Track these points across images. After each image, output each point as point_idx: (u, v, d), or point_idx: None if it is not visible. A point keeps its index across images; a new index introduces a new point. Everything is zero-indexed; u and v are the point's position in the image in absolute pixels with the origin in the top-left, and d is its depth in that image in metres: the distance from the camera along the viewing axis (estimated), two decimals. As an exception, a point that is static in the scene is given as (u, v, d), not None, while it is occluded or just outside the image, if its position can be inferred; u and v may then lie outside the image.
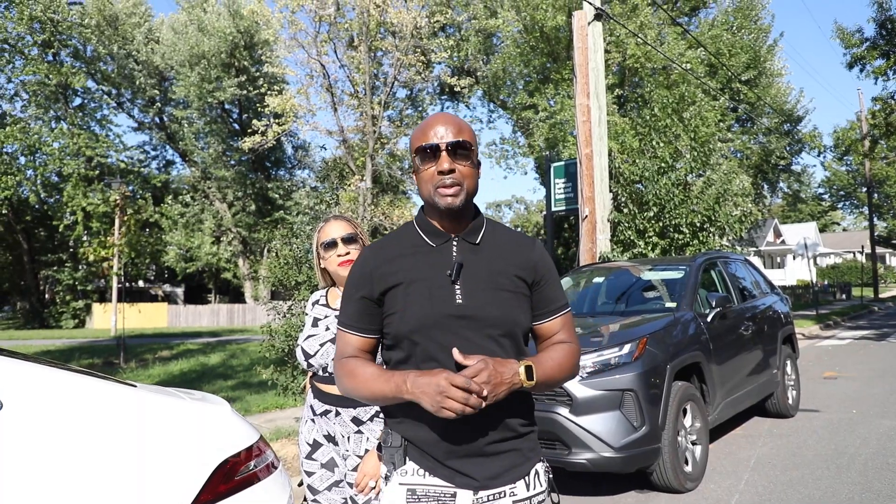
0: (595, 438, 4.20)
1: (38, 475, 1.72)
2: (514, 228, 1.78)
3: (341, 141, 23.16)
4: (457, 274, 1.58)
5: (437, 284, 1.58)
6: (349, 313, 1.65)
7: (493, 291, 1.59)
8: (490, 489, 1.57)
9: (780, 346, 6.72)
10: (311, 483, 2.44)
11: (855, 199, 62.10)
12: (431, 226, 1.64)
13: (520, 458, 1.61)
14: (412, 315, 1.56)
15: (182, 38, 30.85)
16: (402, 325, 1.57)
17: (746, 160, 28.05)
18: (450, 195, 1.56)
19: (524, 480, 1.61)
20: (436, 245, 1.63)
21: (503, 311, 1.59)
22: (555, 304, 1.69)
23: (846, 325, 18.98)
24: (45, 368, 1.94)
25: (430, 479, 1.57)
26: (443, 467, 1.56)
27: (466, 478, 1.56)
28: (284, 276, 6.03)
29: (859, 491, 4.39)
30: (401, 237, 1.68)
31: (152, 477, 1.84)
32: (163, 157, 38.66)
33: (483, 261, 1.62)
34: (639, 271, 6.38)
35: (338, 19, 21.54)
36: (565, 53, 21.42)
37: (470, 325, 1.56)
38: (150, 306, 35.41)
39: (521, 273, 1.64)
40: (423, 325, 1.56)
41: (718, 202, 11.29)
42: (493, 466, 1.57)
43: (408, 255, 1.62)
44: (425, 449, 1.57)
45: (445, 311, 1.56)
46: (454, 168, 1.56)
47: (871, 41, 20.54)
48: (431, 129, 1.58)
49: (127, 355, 14.15)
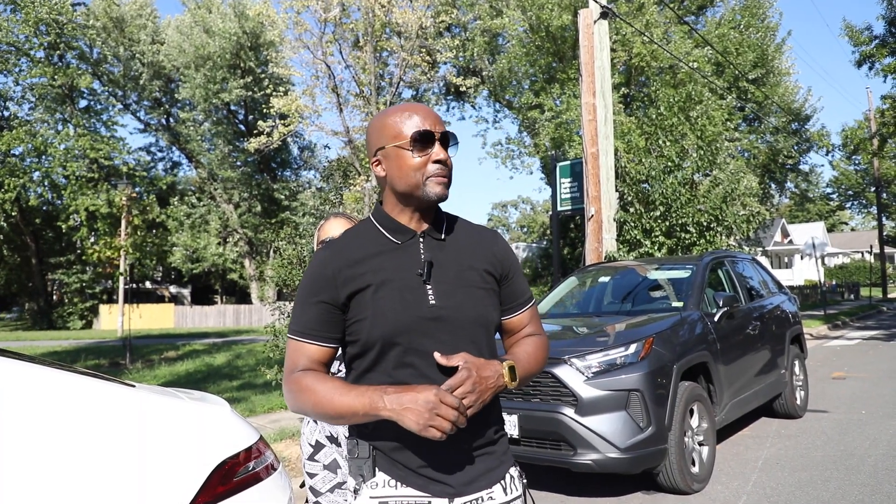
0: (601, 439, 4.15)
1: (34, 476, 1.70)
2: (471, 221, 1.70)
3: (347, 141, 23.18)
4: (428, 273, 1.49)
5: (407, 286, 1.48)
6: (305, 320, 1.49)
7: (465, 290, 1.52)
8: (466, 496, 1.50)
9: (788, 346, 6.65)
10: (314, 484, 2.41)
11: (863, 199, 61.75)
12: (394, 222, 1.54)
13: (494, 461, 1.54)
14: (384, 320, 1.46)
15: (188, 40, 30.95)
16: (374, 331, 1.46)
17: (754, 159, 27.91)
18: (442, 186, 1.49)
19: (500, 484, 1.54)
20: (401, 243, 1.53)
21: (477, 311, 1.52)
22: (522, 297, 1.64)
23: (854, 326, 18.85)
24: (41, 368, 1.92)
25: (402, 490, 1.47)
26: (415, 476, 1.47)
27: (441, 485, 1.48)
28: (289, 276, 6.02)
29: (869, 493, 4.33)
30: (361, 235, 1.55)
31: (149, 478, 1.81)
32: (169, 158, 38.85)
33: (451, 258, 1.54)
34: (645, 270, 6.34)
35: (343, 20, 21.54)
36: (571, 53, 21.37)
37: (445, 327, 1.48)
38: (157, 307, 35.54)
39: (489, 268, 1.58)
40: (397, 330, 1.45)
41: (725, 201, 11.23)
42: (468, 472, 1.50)
43: (372, 255, 1.50)
44: (396, 458, 1.48)
45: (418, 313, 1.47)
46: (448, 158, 1.51)
47: (881, 39, 20.42)
48: (418, 114, 1.50)
49: (133, 356, 14.19)
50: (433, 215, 1.57)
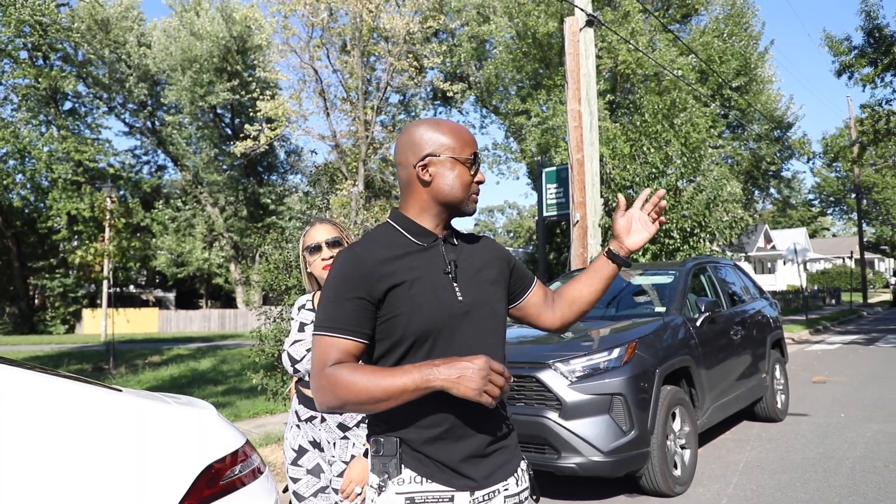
0: (584, 443, 4.20)
1: (22, 480, 1.71)
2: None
3: (334, 146, 23.17)
4: (454, 272, 1.62)
5: (439, 283, 1.58)
6: (341, 316, 1.51)
7: (482, 286, 1.65)
8: (485, 488, 1.58)
9: (769, 350, 6.75)
10: (297, 489, 2.43)
11: (844, 205, 62.61)
12: (418, 227, 1.63)
13: (509, 455, 1.64)
14: (420, 314, 1.53)
15: (174, 42, 30.80)
16: (410, 326, 1.53)
17: (737, 166, 28.23)
18: (475, 203, 1.68)
19: (514, 477, 1.64)
20: (426, 245, 1.62)
21: (493, 306, 1.66)
22: (527, 275, 1.83)
23: (835, 330, 19.09)
24: (25, 372, 1.93)
25: (427, 486, 1.53)
26: (441, 471, 1.54)
27: (465, 479, 1.55)
28: (275, 281, 6.03)
29: (847, 494, 4.41)
30: (387, 238, 1.62)
31: (137, 481, 1.83)
32: (154, 161, 38.54)
33: (466, 259, 1.67)
34: (629, 276, 6.40)
35: (330, 24, 21.56)
36: (557, 59, 21.52)
37: (469, 322, 1.59)
38: (141, 311, 35.24)
39: (498, 265, 1.73)
40: (433, 325, 1.54)
41: (709, 208, 11.34)
42: (488, 465, 1.59)
43: (400, 255, 1.58)
44: (425, 453, 1.54)
45: (451, 309, 1.57)
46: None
47: (860, 49, 20.75)
48: (468, 137, 1.66)
49: (117, 361, 14.07)
50: (449, 225, 1.72)
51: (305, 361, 2.35)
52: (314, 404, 2.34)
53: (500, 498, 1.61)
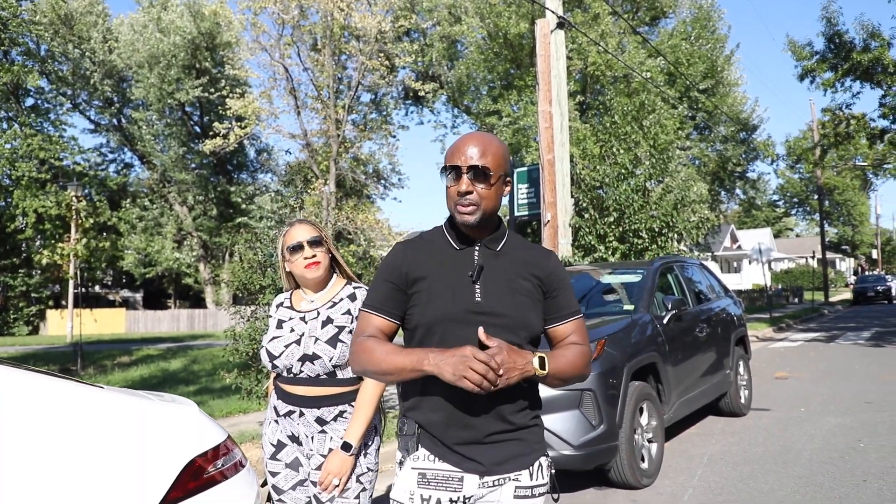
0: (555, 437, 4.31)
1: (8, 475, 1.75)
2: (532, 242, 1.92)
3: (304, 144, 23.07)
4: (478, 275, 1.72)
5: (459, 283, 1.72)
6: (376, 297, 1.76)
7: (509, 294, 1.73)
8: (495, 475, 1.71)
9: (734, 347, 6.95)
10: (276, 483, 2.48)
11: (807, 206, 64.22)
12: (458, 231, 1.78)
13: (525, 448, 1.74)
14: (434, 308, 1.70)
15: (141, 38, 30.30)
16: (424, 316, 1.71)
17: (704, 167, 28.78)
18: (466, 213, 1.70)
19: (528, 470, 1.74)
20: (460, 248, 1.77)
21: (517, 311, 1.72)
22: (567, 309, 1.80)
23: (798, 328, 19.61)
24: (9, 369, 1.96)
25: (439, 465, 1.70)
26: (452, 453, 1.69)
27: (474, 463, 1.69)
28: (249, 281, 6.03)
29: (804, 484, 4.60)
30: (431, 238, 1.82)
31: (121, 475, 1.87)
32: (121, 159, 37.80)
33: (502, 266, 1.76)
34: (599, 275, 6.55)
35: (301, 22, 21.46)
36: (528, 60, 21.72)
37: (486, 322, 1.66)
38: (108, 312, 34.61)
39: (537, 281, 1.77)
40: (444, 318, 1.69)
41: (676, 208, 11.59)
42: (499, 454, 1.70)
43: (435, 254, 1.77)
44: (437, 435, 1.70)
45: (465, 307, 1.69)
46: (472, 190, 1.68)
47: (821, 54, 21.31)
48: (459, 149, 1.71)
49: (84, 361, 13.85)
50: (492, 230, 1.79)
51: (284, 357, 2.40)
52: (293, 400, 2.40)
53: (510, 486, 1.72)
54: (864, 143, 25.11)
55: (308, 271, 2.47)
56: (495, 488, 1.72)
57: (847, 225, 64.87)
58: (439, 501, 1.69)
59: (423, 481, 1.71)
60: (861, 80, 20.67)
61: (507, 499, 1.73)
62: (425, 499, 1.70)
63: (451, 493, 1.69)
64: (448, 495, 1.69)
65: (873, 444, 5.60)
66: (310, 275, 2.47)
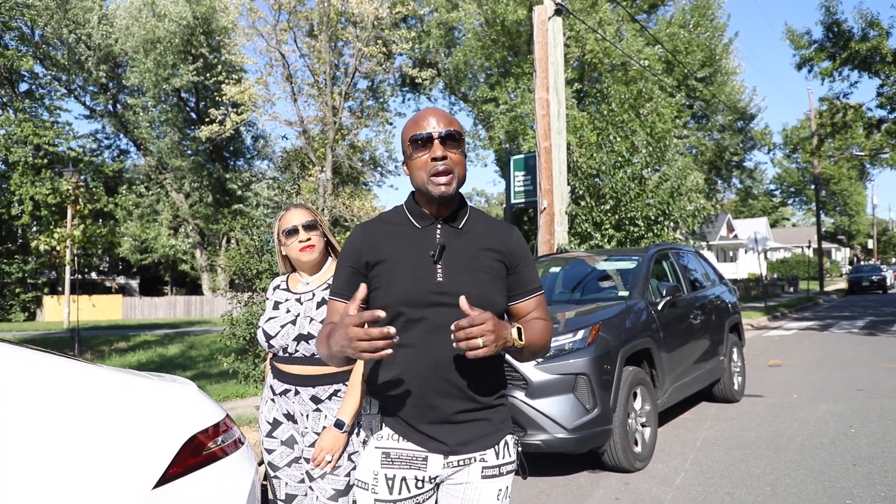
0: (549, 420, 4.36)
1: (7, 452, 1.78)
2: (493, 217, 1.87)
3: (301, 131, 23.00)
4: (439, 255, 1.69)
5: (420, 263, 1.69)
6: (339, 282, 1.75)
7: (471, 272, 1.70)
8: (460, 454, 1.69)
9: (727, 334, 7.01)
10: (272, 460, 2.53)
11: (804, 196, 64.31)
12: (418, 209, 1.75)
13: (490, 427, 1.72)
14: (396, 290, 1.68)
15: (136, 23, 30.07)
16: (386, 299, 1.68)
17: (701, 156, 28.79)
18: (443, 183, 1.66)
19: (494, 449, 1.73)
20: (421, 227, 1.74)
21: (479, 291, 1.68)
22: (530, 285, 1.80)
23: (792, 317, 19.72)
24: (10, 346, 1.99)
25: (403, 444, 1.69)
26: (416, 433, 1.68)
27: (438, 443, 1.68)
28: (245, 265, 6.06)
29: (795, 468, 4.66)
30: (390, 218, 1.79)
31: (121, 451, 1.90)
32: (116, 146, 37.62)
33: (464, 244, 1.73)
34: (594, 261, 6.59)
35: (298, 8, 21.34)
36: (526, 47, 21.65)
37: (449, 302, 1.65)
38: (104, 298, 34.59)
39: (499, 257, 1.75)
40: (405, 301, 1.67)
41: (673, 196, 11.61)
42: (464, 433, 1.68)
43: (395, 234, 1.74)
44: (400, 415, 1.69)
45: (426, 287, 1.67)
46: (446, 155, 1.66)
47: (819, 43, 21.26)
48: (424, 119, 1.69)
49: (82, 347, 13.88)
50: (455, 207, 1.76)
51: (280, 337, 2.44)
52: (288, 378, 2.45)
53: (476, 466, 1.71)
54: (861, 133, 25.11)
55: (303, 254, 2.52)
56: (461, 468, 1.71)
57: (843, 215, 65.02)
58: (404, 480, 1.68)
59: (386, 461, 1.69)
60: (859, 70, 20.65)
61: (474, 479, 1.71)
62: (389, 478, 1.69)
63: (415, 472, 1.69)
64: (413, 473, 1.68)
65: (864, 430, 5.67)
66: (305, 258, 2.52)
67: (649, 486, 4.41)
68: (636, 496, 4.24)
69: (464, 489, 1.72)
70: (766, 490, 4.23)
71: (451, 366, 1.65)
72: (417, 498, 1.70)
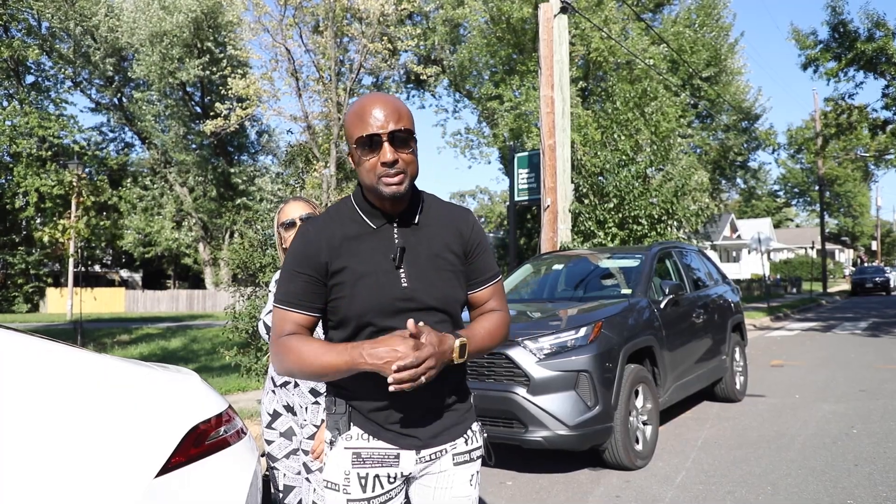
0: (551, 417, 4.36)
1: (11, 439, 1.78)
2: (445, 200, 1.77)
3: (306, 127, 22.99)
4: (400, 259, 1.61)
5: (382, 269, 1.60)
6: (291, 290, 1.61)
7: (435, 272, 1.64)
8: (431, 447, 1.67)
9: (730, 333, 7.00)
10: (271, 451, 2.56)
11: (808, 197, 64.16)
12: (370, 206, 1.64)
13: (458, 417, 1.71)
14: (360, 300, 1.59)
15: (143, 16, 30.09)
16: (350, 309, 1.60)
17: (705, 155, 28.74)
18: (394, 183, 1.55)
19: (463, 437, 1.73)
20: (377, 227, 1.63)
21: (444, 292, 1.64)
22: (486, 273, 1.74)
23: (795, 318, 19.68)
24: (14, 334, 2.00)
25: (374, 443, 1.64)
26: (386, 431, 1.63)
27: (409, 438, 1.64)
28: (248, 259, 6.07)
29: (796, 468, 4.66)
30: (342, 217, 1.66)
31: (125, 440, 1.91)
32: (121, 139, 37.73)
33: (423, 242, 1.65)
34: (597, 259, 6.58)
35: (303, 3, 21.31)
36: (531, 45, 21.60)
37: (415, 306, 1.61)
38: (107, 291, 34.69)
39: (456, 248, 1.69)
40: (371, 310, 1.59)
41: (677, 196, 11.61)
42: (434, 427, 1.66)
43: (352, 237, 1.62)
44: (368, 415, 1.63)
45: (391, 294, 1.59)
46: (397, 159, 1.54)
47: (825, 44, 21.21)
48: (369, 115, 1.54)
49: (84, 339, 13.92)
50: (408, 201, 1.65)
51: None
52: None
53: (447, 457, 1.70)
54: (866, 134, 25.04)
55: None
56: (433, 462, 1.69)
57: (847, 216, 64.89)
58: (377, 478, 1.64)
59: (357, 460, 1.64)
60: (865, 70, 20.61)
61: (447, 466, 1.70)
62: (362, 477, 1.64)
63: (388, 469, 1.64)
64: (386, 471, 1.64)
65: (866, 430, 5.66)
66: None
67: (650, 485, 4.41)
68: (637, 494, 4.24)
69: (436, 478, 1.70)
70: (767, 489, 4.23)
71: None
72: (390, 493, 1.67)
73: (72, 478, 1.80)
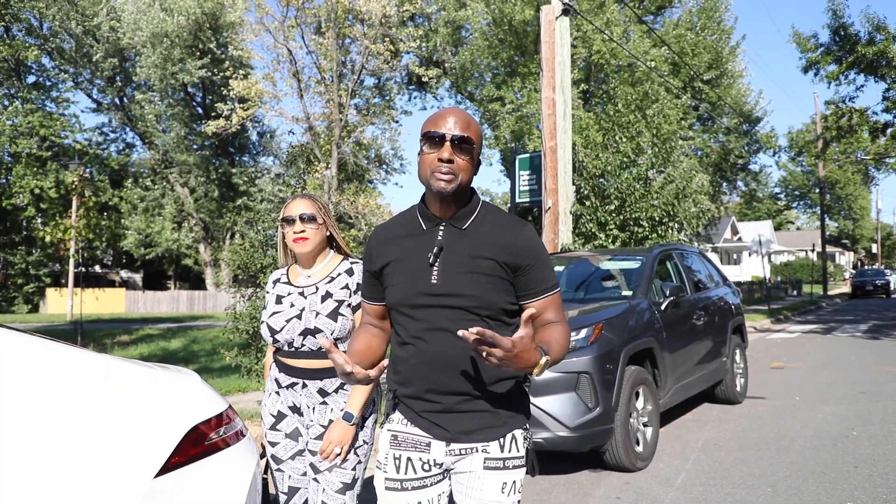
0: (551, 419, 4.36)
1: (11, 439, 1.78)
2: (508, 213, 1.81)
3: (307, 128, 23.00)
4: (435, 257, 1.74)
5: (417, 265, 1.76)
6: (363, 284, 1.94)
7: (467, 274, 1.71)
8: (462, 443, 1.74)
9: (731, 335, 6.99)
10: (275, 453, 2.53)
11: (809, 200, 64.14)
12: (426, 210, 1.80)
13: (495, 420, 1.74)
14: (395, 291, 1.78)
15: (144, 17, 30.11)
16: (390, 298, 1.81)
17: (706, 158, 28.70)
18: (444, 180, 1.68)
19: (498, 442, 1.74)
20: (427, 228, 1.79)
21: (475, 291, 1.70)
22: (540, 286, 1.75)
23: (796, 320, 19.67)
24: (14, 333, 2.00)
25: (409, 428, 1.79)
26: (420, 418, 1.77)
27: (440, 429, 1.75)
28: (249, 260, 6.07)
29: (796, 469, 4.65)
30: (402, 219, 1.87)
31: (125, 440, 1.91)
32: (122, 139, 37.70)
33: (465, 245, 1.74)
34: (598, 261, 6.58)
35: (305, 4, 21.34)
36: (533, 47, 21.62)
37: (443, 304, 1.71)
38: (108, 292, 34.70)
39: (501, 257, 1.72)
40: (402, 302, 1.77)
41: (678, 198, 11.59)
42: (465, 423, 1.73)
43: (403, 236, 1.82)
44: (408, 403, 1.79)
45: (420, 289, 1.73)
46: (453, 159, 1.69)
47: (826, 47, 21.20)
48: (443, 118, 1.72)
49: (84, 340, 13.93)
50: (462, 205, 1.78)
51: (285, 332, 2.44)
52: (295, 373, 2.45)
53: (478, 456, 1.74)
54: (867, 137, 25.04)
55: (295, 245, 2.52)
56: (463, 457, 1.76)
57: (848, 219, 64.85)
58: (409, 461, 1.78)
59: (394, 442, 1.80)
60: (865, 74, 20.60)
61: (477, 468, 1.75)
62: (396, 458, 1.80)
63: (420, 454, 1.77)
64: (418, 455, 1.78)
65: (866, 432, 5.66)
66: (297, 249, 2.52)
67: (650, 486, 4.40)
68: (637, 495, 4.23)
69: (468, 477, 1.77)
70: (767, 491, 4.23)
71: (447, 363, 1.70)
72: (424, 480, 1.78)
73: (71, 477, 1.80)
